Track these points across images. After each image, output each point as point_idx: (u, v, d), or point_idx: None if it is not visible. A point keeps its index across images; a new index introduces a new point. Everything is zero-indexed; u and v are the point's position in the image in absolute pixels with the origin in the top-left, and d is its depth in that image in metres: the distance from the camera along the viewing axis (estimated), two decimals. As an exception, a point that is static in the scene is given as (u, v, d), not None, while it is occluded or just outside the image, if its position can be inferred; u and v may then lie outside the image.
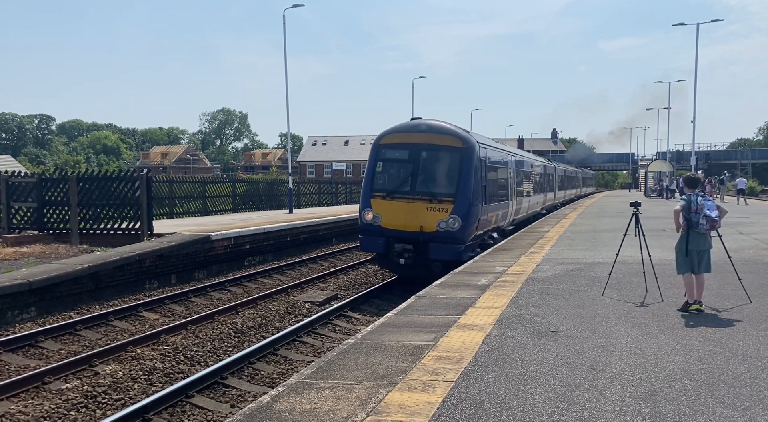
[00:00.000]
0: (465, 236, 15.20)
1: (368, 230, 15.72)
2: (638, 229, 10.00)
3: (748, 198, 47.85)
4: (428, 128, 15.81)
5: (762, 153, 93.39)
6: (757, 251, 14.94)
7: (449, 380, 5.81)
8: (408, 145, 15.76)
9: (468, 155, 15.39)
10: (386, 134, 16.22)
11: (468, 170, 15.30)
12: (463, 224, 14.99)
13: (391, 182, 15.82)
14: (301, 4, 34.29)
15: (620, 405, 5.16)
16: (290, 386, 5.77)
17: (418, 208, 15.17)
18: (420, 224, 15.10)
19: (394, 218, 15.33)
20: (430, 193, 15.24)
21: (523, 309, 8.82)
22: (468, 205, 15.15)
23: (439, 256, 14.98)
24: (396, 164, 15.99)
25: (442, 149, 15.49)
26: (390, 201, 15.48)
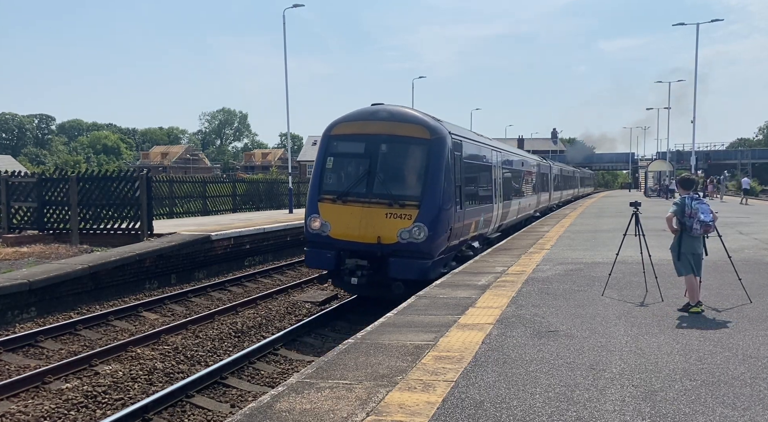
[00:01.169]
0: (432, 249, 12.42)
1: (315, 241, 12.93)
2: (638, 229, 10.00)
3: (748, 198, 47.84)
4: (389, 115, 12.99)
5: (762, 153, 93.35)
6: (757, 251, 14.94)
7: (449, 380, 5.81)
8: (364, 136, 13.00)
9: (437, 149, 12.68)
10: (338, 122, 13.43)
11: (437, 167, 12.55)
12: (431, 233, 12.19)
13: (343, 182, 13.08)
14: (301, 4, 34.31)
15: (620, 405, 5.16)
16: (290, 386, 5.77)
17: (376, 214, 12.43)
18: (377, 234, 12.31)
19: (346, 226, 12.55)
20: (390, 195, 12.40)
21: (523, 309, 8.82)
22: (437, 210, 12.38)
23: (400, 274, 12.23)
24: (349, 160, 13.31)
25: (405, 141, 12.78)
26: (341, 206, 12.71)
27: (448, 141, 13.05)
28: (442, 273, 12.82)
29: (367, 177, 12.70)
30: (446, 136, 13.05)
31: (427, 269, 12.40)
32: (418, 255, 12.26)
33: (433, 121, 13.21)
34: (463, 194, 13.94)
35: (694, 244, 8.56)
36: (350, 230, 12.49)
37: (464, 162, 14.34)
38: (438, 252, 12.63)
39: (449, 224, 12.82)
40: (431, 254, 12.42)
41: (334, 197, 12.83)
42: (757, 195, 59.26)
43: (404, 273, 12.24)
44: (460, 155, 14.00)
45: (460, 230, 13.77)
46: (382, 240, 12.30)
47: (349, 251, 12.55)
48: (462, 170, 14.02)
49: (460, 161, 13.93)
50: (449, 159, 12.94)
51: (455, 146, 13.58)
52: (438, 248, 12.59)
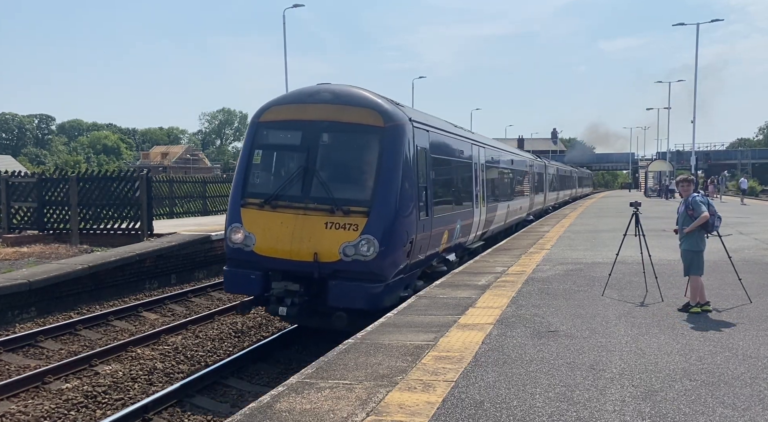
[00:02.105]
0: (385, 269, 9.73)
1: (236, 258, 10.21)
2: (638, 229, 10.00)
3: (748, 198, 47.86)
4: (333, 96, 10.38)
5: (762, 153, 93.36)
6: (757, 251, 14.94)
7: (449, 380, 5.81)
8: (301, 123, 10.33)
9: (393, 139, 10.05)
10: (269, 106, 10.76)
11: (393, 163, 9.95)
12: (382, 248, 9.53)
13: (273, 183, 10.45)
14: (301, 4, 34.39)
15: (620, 405, 5.16)
16: (290, 386, 5.77)
17: (313, 224, 9.74)
18: (314, 250, 9.60)
19: (276, 239, 9.82)
20: (331, 200, 9.75)
21: (523, 309, 8.82)
22: (391, 217, 9.74)
23: (341, 301, 9.62)
24: (282, 154, 10.86)
25: (352, 130, 10.21)
26: (270, 213, 9.99)
27: (409, 130, 10.40)
28: (403, 298, 10.23)
29: (303, 176, 10.04)
30: (405, 124, 10.36)
31: (377, 295, 9.67)
32: (367, 277, 9.60)
33: (390, 104, 10.55)
34: (431, 197, 11.35)
35: (705, 243, 8.69)
36: (280, 245, 9.79)
37: (433, 158, 11.81)
38: (393, 272, 9.91)
39: (409, 236, 10.14)
40: (383, 276, 9.69)
41: (260, 202, 10.10)
42: (757, 195, 59.23)
43: (347, 301, 9.63)
44: (427, 148, 11.40)
45: (425, 242, 11.11)
46: (320, 257, 9.59)
47: (280, 271, 9.96)
48: (429, 167, 11.48)
49: (427, 156, 11.40)
50: (410, 153, 10.35)
51: (419, 136, 11.00)
52: (393, 268, 9.88)
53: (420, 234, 10.65)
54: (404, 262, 10.20)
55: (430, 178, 11.43)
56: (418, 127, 11.02)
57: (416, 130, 10.86)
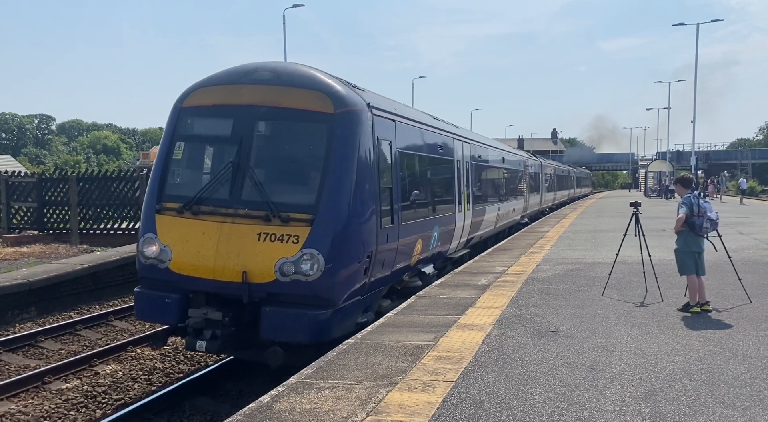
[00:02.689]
0: (334, 291, 7.95)
1: (150, 277, 8.46)
2: (638, 229, 10.00)
3: (748, 198, 47.86)
4: (273, 76, 8.56)
5: (762, 153, 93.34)
6: (757, 251, 14.94)
7: (449, 380, 5.81)
8: (232, 109, 8.60)
9: (346, 129, 8.30)
10: (196, 88, 8.92)
11: (345, 158, 8.18)
12: (330, 266, 7.76)
13: (195, 183, 8.62)
14: (301, 4, 34.38)
15: (620, 405, 5.16)
16: (290, 386, 5.77)
17: (242, 235, 7.94)
18: (243, 268, 7.79)
19: (196, 254, 8.00)
20: (266, 204, 7.97)
21: (523, 309, 8.82)
22: (342, 226, 8.01)
23: (277, 333, 7.78)
24: (208, 147, 9.10)
25: (295, 117, 8.41)
26: (190, 220, 8.19)
27: (366, 118, 8.61)
28: (361, 324, 8.58)
29: (233, 175, 8.25)
30: (362, 110, 8.56)
31: (323, 324, 7.87)
32: (310, 302, 7.79)
33: (343, 86, 8.73)
34: (399, 200, 9.59)
35: (699, 243, 8.61)
36: (202, 261, 7.93)
37: (402, 153, 10.08)
38: (345, 295, 8.11)
39: (366, 248, 8.36)
40: (331, 300, 7.90)
41: (179, 207, 8.25)
42: (757, 195, 59.24)
43: (284, 332, 7.76)
44: (392, 141, 9.64)
45: (391, 254, 9.31)
46: (250, 277, 7.75)
47: (202, 294, 8.08)
48: (397, 164, 9.74)
49: (393, 151, 9.64)
50: (369, 146, 8.61)
51: (382, 127, 9.20)
52: (344, 289, 8.09)
53: (383, 246, 8.85)
54: (360, 281, 8.35)
55: (397, 177, 9.63)
56: (380, 115, 9.17)
57: (378, 119, 9.01)
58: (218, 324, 7.92)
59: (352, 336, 7.63)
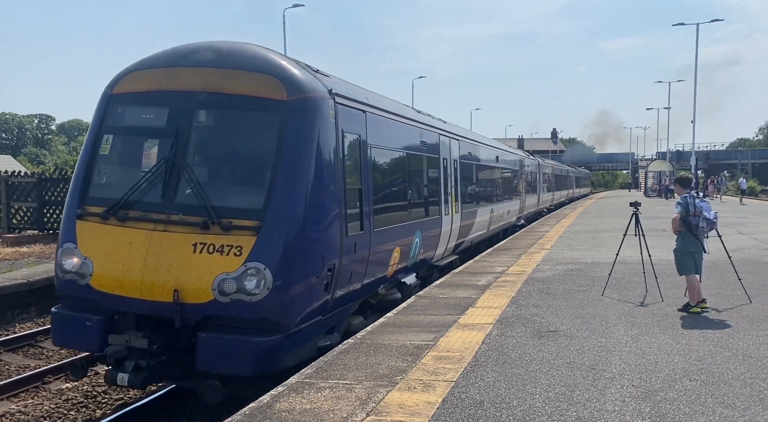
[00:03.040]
0: (285, 312, 6.80)
1: (69, 295, 7.36)
2: (638, 229, 10.00)
3: (748, 198, 47.86)
4: (217, 56, 7.37)
5: (762, 153, 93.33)
6: (757, 251, 14.94)
7: (449, 380, 5.81)
8: (168, 96, 7.42)
9: (303, 120, 7.14)
10: (129, 71, 7.73)
11: (300, 154, 7.00)
12: (280, 282, 6.62)
13: (122, 184, 7.26)
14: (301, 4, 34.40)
15: (620, 405, 5.16)
16: (290, 386, 5.78)
17: (175, 245, 6.79)
18: (175, 285, 6.66)
19: (122, 268, 6.83)
20: (205, 209, 6.82)
21: (523, 309, 8.82)
22: (295, 235, 6.85)
23: (215, 364, 6.62)
24: (140, 141, 7.78)
25: (241, 105, 7.23)
26: (116, 228, 7.03)
27: (328, 108, 7.46)
28: (323, 348, 7.36)
29: (167, 174, 7.07)
30: (323, 98, 7.40)
31: (270, 353, 6.68)
32: (255, 326, 6.69)
33: (300, 70, 7.53)
34: (371, 203, 8.51)
35: (698, 243, 8.61)
36: (127, 276, 6.77)
37: (376, 150, 9.00)
38: (299, 316, 6.95)
39: (327, 260, 7.19)
40: (281, 324, 6.74)
41: (103, 212, 7.11)
42: (757, 195, 59.24)
43: (223, 363, 6.58)
44: (362, 136, 8.48)
45: (361, 265, 8.25)
46: (183, 296, 6.60)
47: (130, 315, 6.96)
48: (368, 162, 8.65)
49: (363, 146, 8.50)
50: (331, 141, 7.46)
51: (349, 119, 8.09)
52: (298, 310, 6.92)
53: (350, 256, 7.73)
54: (320, 298, 7.22)
55: (368, 177, 8.52)
56: (346, 105, 8.02)
57: (343, 108, 7.89)
58: (144, 353, 6.61)
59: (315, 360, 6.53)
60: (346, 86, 8.60)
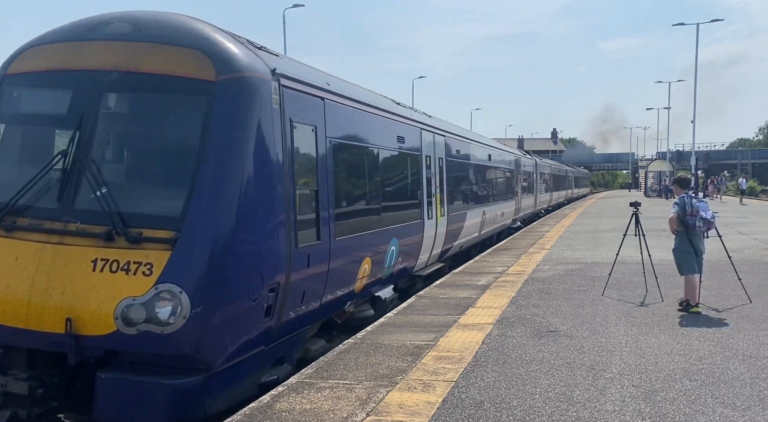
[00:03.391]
0: (208, 345, 5.53)
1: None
2: (638, 229, 10.01)
3: (748, 198, 47.87)
4: (133, 28, 6.05)
5: (762, 153, 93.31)
6: (757, 251, 14.94)
7: (449, 380, 5.81)
8: (72, 75, 6.09)
9: (235, 104, 5.85)
10: (28, 47, 6.42)
11: (230, 146, 5.75)
12: (201, 309, 5.31)
13: (13, 185, 5.91)
14: (301, 4, 34.41)
15: (620, 405, 5.16)
16: (290, 386, 5.77)
17: (71, 261, 5.49)
18: (68, 312, 5.35)
19: (5, 290, 5.55)
20: (108, 216, 5.53)
21: (523, 309, 8.82)
22: (221, 246, 5.55)
23: (119, 413, 5.38)
24: (38, 132, 6.45)
25: (158, 87, 5.97)
26: (1, 239, 5.77)
27: (270, 91, 6.11)
28: (267, 385, 6.22)
29: (64, 173, 5.80)
30: (264, 79, 6.06)
31: (190, 397, 5.48)
32: (170, 364, 5.51)
33: (236, 44, 6.15)
34: (331, 207, 7.26)
35: (697, 242, 8.63)
36: (11, 299, 5.50)
37: (338, 145, 7.73)
38: (230, 350, 5.69)
39: (269, 278, 5.94)
40: (203, 361, 5.51)
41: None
42: (757, 195, 59.25)
43: (127, 413, 5.35)
44: (320, 127, 7.19)
45: (318, 282, 7.02)
46: (78, 326, 5.31)
47: (20, 350, 5.62)
48: (328, 159, 7.37)
49: (321, 140, 7.18)
50: (275, 131, 6.12)
51: (302, 106, 6.82)
52: (227, 342, 5.65)
53: (302, 272, 6.50)
54: (259, 325, 5.96)
55: (327, 177, 7.23)
56: (297, 89, 6.68)
57: (293, 94, 6.56)
58: (24, 399, 5.27)
59: (256, 400, 5.53)
60: (298, 68, 7.28)
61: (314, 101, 7.22)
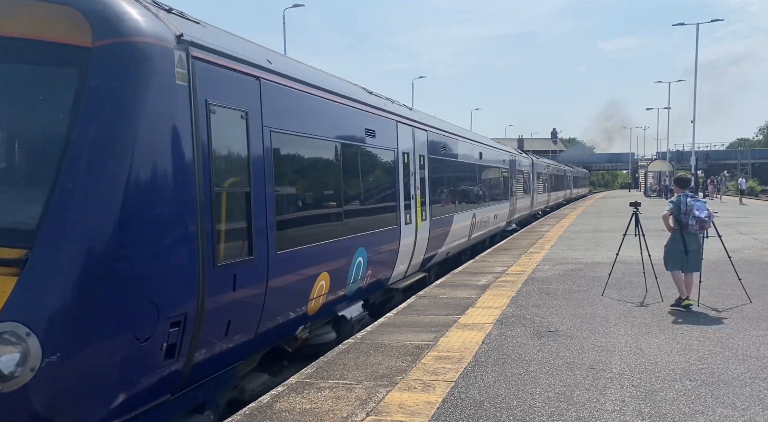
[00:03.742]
0: (70, 406, 4.00)
1: None
2: (638, 229, 10.02)
3: (748, 198, 47.87)
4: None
5: (762, 153, 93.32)
6: (757, 251, 14.94)
7: (449, 380, 5.81)
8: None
9: (118, 78, 4.37)
10: None
11: (111, 133, 4.26)
12: (57, 357, 3.80)
13: None
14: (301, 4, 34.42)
15: (620, 404, 5.16)
16: (290, 386, 5.78)
17: None
18: None
19: None
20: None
21: (523, 309, 8.82)
22: (94, 267, 4.03)
23: None
24: None
25: (16, 55, 4.49)
26: None
27: (172, 63, 4.79)
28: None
29: None
30: (163, 47, 4.73)
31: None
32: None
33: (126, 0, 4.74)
34: (270, 213, 5.96)
35: (690, 240, 8.72)
36: None
37: (281, 137, 6.35)
38: (107, 410, 4.28)
39: (168, 310, 4.63)
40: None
41: None
42: (757, 195, 59.27)
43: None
44: (253, 115, 5.83)
45: (251, 307, 5.77)
46: None
47: None
48: (266, 154, 6.04)
49: (254, 130, 5.82)
50: (176, 115, 4.78)
51: (222, 85, 5.43)
52: (102, 400, 4.24)
53: (223, 296, 5.23)
54: (159, 372, 4.67)
55: (264, 176, 5.89)
56: (215, 62, 5.30)
57: (207, 68, 5.16)
58: None
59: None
60: (224, 38, 5.78)
61: (245, 81, 5.72)
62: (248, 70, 5.80)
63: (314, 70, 8.00)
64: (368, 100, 9.31)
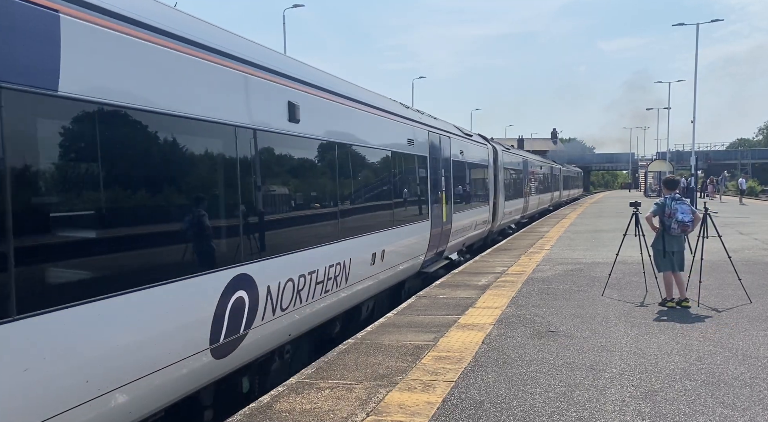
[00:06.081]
0: None
1: None
2: (638, 229, 10.01)
3: (748, 198, 47.86)
4: None
5: (762, 153, 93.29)
6: (757, 251, 14.94)
7: (449, 380, 5.81)
8: None
9: None
10: None
11: None
12: None
13: None
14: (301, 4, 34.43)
15: (620, 405, 5.16)
16: (290, 386, 5.77)
17: None
18: None
19: None
20: None
21: (523, 309, 8.82)
22: None
23: None
24: None
25: None
26: None
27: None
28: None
29: None
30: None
31: None
32: None
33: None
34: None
35: (673, 242, 8.87)
36: None
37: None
38: None
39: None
40: None
41: None
42: (757, 195, 59.27)
43: None
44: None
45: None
46: None
47: None
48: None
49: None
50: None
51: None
52: None
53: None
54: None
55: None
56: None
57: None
58: None
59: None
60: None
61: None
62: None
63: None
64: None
